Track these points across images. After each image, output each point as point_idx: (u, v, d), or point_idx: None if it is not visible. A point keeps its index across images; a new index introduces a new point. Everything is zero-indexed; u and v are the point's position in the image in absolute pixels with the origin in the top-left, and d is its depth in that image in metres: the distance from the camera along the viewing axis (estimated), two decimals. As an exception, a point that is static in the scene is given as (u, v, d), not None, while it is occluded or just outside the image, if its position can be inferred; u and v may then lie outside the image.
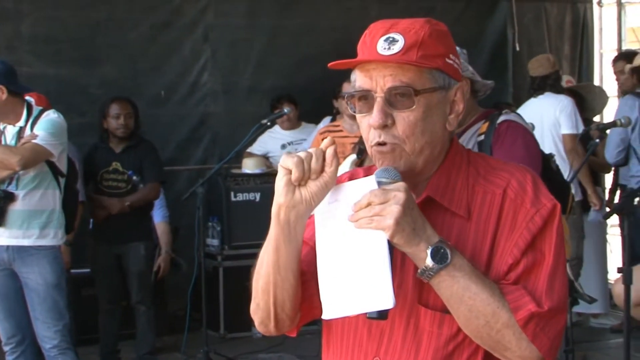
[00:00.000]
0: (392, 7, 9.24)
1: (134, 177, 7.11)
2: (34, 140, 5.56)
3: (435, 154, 2.11)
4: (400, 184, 1.99)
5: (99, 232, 7.22)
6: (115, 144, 7.21)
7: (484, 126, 4.40)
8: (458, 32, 10.24)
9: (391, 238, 1.96)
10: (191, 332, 7.36)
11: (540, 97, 7.59)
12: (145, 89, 8.79)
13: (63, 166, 5.84)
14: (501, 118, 4.39)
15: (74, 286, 7.43)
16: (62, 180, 5.85)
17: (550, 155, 4.60)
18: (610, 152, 7.40)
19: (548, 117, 7.39)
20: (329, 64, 2.16)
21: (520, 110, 7.79)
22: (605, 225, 8.59)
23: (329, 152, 2.02)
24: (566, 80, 8.36)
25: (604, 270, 8.38)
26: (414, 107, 2.05)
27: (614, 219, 7.40)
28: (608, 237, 8.79)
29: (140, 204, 7.23)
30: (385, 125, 2.06)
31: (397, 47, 2.06)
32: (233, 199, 8.27)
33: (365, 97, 2.09)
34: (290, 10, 9.35)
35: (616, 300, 6.37)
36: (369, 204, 1.97)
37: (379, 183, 2.01)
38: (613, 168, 8.12)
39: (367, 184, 2.02)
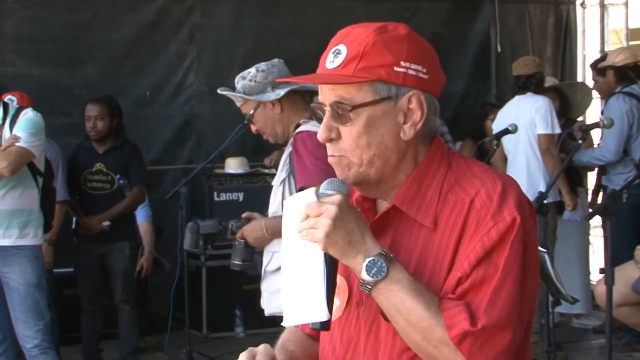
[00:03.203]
0: (378, 8, 9.26)
1: (121, 181, 7.09)
2: (17, 143, 5.54)
3: (393, 164, 2.08)
4: (336, 197, 1.99)
5: (82, 231, 7.19)
6: (98, 145, 7.18)
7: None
8: (443, 33, 10.31)
9: (325, 251, 1.98)
10: (174, 332, 7.35)
11: (522, 96, 7.63)
12: (130, 89, 8.77)
13: (41, 165, 5.83)
14: (299, 129, 4.29)
15: (57, 285, 7.41)
16: (40, 180, 5.83)
17: None
18: (616, 149, 7.50)
19: (524, 117, 7.43)
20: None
21: (502, 110, 7.86)
22: (588, 226, 8.63)
23: None
24: (552, 82, 8.39)
25: (586, 271, 8.41)
26: (352, 121, 2.04)
27: (597, 220, 7.49)
28: (590, 238, 8.83)
29: (128, 211, 7.22)
30: (331, 139, 2.07)
31: (338, 61, 2.05)
32: (216, 198, 8.27)
33: (322, 109, 2.10)
34: (275, 11, 9.34)
35: (598, 301, 6.41)
36: (307, 217, 1.99)
37: (322, 195, 2.02)
38: (597, 168, 8.18)
39: (308, 197, 2.03)
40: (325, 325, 2.00)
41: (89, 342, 7.29)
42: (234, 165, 8.38)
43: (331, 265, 2.01)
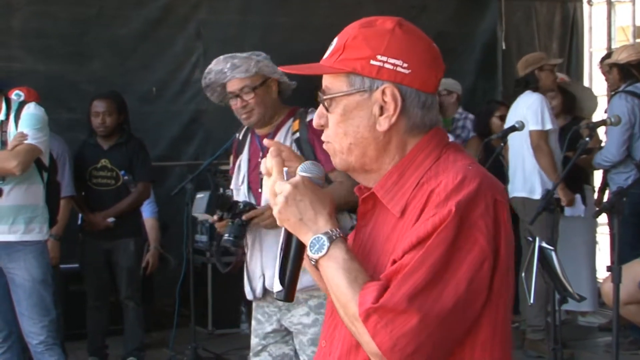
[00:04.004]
0: (385, 4, 9.23)
1: (126, 177, 7.09)
2: (25, 141, 5.53)
3: (372, 154, 2.15)
4: (295, 178, 2.14)
5: (88, 227, 7.20)
6: (103, 141, 7.18)
7: (295, 124, 4.50)
8: (450, 30, 10.25)
9: (281, 226, 2.15)
10: (179, 328, 7.35)
11: (521, 95, 7.65)
12: (137, 85, 8.77)
13: (46, 160, 5.82)
14: (309, 117, 4.44)
15: (63, 281, 7.41)
16: (45, 175, 5.82)
17: None
18: (617, 150, 7.53)
19: (519, 115, 7.42)
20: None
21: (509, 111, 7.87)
22: (595, 223, 8.61)
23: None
24: (560, 77, 8.36)
25: (592, 269, 8.40)
26: (332, 110, 2.16)
27: (601, 218, 7.48)
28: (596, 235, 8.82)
29: (133, 207, 7.22)
30: (322, 125, 2.21)
31: (328, 52, 2.18)
32: (222, 195, 8.26)
33: None
34: (282, 7, 9.34)
35: (605, 299, 6.41)
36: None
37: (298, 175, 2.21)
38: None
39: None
40: (281, 296, 2.15)
41: (94, 338, 7.29)
42: (239, 161, 8.36)
43: (298, 243, 2.15)
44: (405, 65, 2.10)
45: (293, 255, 2.16)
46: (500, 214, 2.04)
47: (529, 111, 7.41)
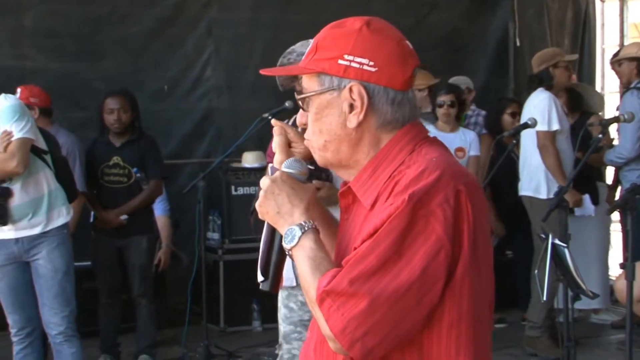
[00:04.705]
0: (396, 2, 9.22)
1: (138, 174, 7.10)
2: (13, 138, 5.50)
3: (346, 150, 2.22)
4: (276, 174, 2.25)
5: (100, 225, 7.21)
6: (114, 138, 7.18)
7: None
8: (462, 27, 10.19)
9: (262, 219, 2.26)
10: (191, 326, 7.37)
11: (533, 93, 7.63)
12: (148, 83, 8.78)
13: (41, 143, 5.78)
14: None
15: (75, 279, 7.41)
16: (47, 157, 5.79)
17: None
18: (632, 146, 7.55)
19: (527, 114, 7.42)
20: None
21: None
22: (608, 220, 8.58)
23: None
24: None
25: (604, 266, 8.38)
26: (306, 109, 2.26)
27: (614, 215, 7.45)
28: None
29: (145, 204, 7.23)
30: (304, 124, 2.32)
31: (305, 54, 2.26)
32: (233, 192, 8.28)
33: None
34: (293, 5, 9.33)
35: (618, 296, 6.39)
36: None
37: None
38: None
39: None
40: (266, 286, 2.27)
41: (107, 335, 7.31)
42: (250, 160, 8.37)
43: (280, 236, 2.23)
44: (371, 63, 2.16)
45: (277, 247, 2.25)
46: (464, 204, 2.06)
47: (535, 110, 7.37)
